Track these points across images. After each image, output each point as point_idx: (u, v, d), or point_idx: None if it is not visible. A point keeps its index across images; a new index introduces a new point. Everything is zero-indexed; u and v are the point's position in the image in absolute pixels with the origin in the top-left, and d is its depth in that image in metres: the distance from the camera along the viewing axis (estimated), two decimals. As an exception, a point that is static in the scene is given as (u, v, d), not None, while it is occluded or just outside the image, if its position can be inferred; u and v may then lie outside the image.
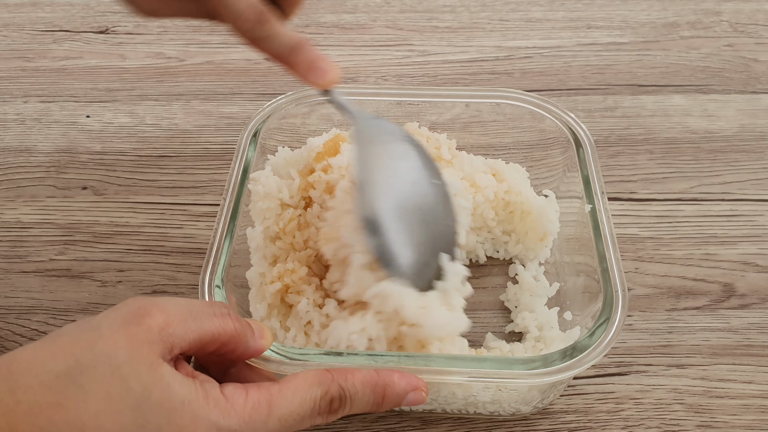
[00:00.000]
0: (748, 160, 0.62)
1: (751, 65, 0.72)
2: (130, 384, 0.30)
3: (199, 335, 0.33)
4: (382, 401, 0.37)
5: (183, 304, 0.34)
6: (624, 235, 0.56)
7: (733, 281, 0.53)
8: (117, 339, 0.31)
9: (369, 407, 0.37)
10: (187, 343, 0.33)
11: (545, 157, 0.53)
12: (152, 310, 0.33)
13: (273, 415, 0.33)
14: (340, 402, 0.35)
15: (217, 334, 0.34)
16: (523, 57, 0.74)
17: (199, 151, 0.64)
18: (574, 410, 0.46)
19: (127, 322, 0.32)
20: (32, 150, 0.64)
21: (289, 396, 0.34)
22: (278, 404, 0.33)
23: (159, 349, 0.32)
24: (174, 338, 0.32)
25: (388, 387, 0.36)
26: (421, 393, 0.37)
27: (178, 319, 0.33)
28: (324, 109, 0.54)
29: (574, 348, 0.39)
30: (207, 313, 0.34)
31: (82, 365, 0.30)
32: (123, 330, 0.32)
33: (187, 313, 0.34)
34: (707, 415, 0.46)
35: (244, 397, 0.33)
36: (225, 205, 0.46)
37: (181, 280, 0.54)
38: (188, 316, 0.33)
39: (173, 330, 0.32)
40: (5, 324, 0.51)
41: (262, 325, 0.38)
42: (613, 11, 0.80)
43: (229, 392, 0.33)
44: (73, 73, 0.73)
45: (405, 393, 0.37)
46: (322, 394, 0.35)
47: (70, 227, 0.58)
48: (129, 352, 0.31)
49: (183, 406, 0.31)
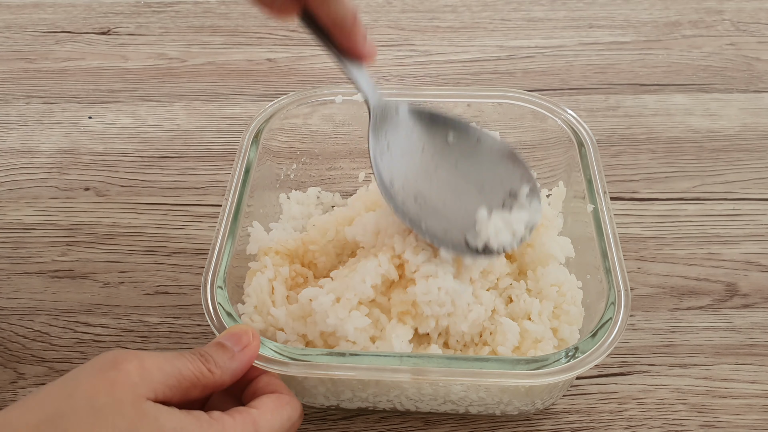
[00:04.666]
0: (750, 159, 0.62)
1: (753, 64, 0.72)
2: (115, 423, 0.30)
3: (177, 380, 0.33)
4: None
5: (157, 354, 0.34)
6: (626, 234, 0.56)
7: (736, 281, 0.53)
8: (96, 384, 0.31)
9: None
10: (169, 389, 0.33)
11: (547, 157, 0.53)
12: (127, 356, 0.33)
13: None
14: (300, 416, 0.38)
15: (196, 379, 0.34)
16: (525, 57, 0.74)
17: (201, 151, 0.64)
18: (576, 410, 0.46)
19: (104, 369, 0.32)
20: (34, 151, 0.65)
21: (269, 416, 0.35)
22: (262, 425, 0.35)
23: (141, 390, 0.32)
24: (154, 383, 0.32)
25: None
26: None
27: (155, 364, 0.33)
28: (326, 110, 0.54)
29: (577, 348, 0.39)
30: (180, 360, 0.34)
31: (62, 412, 0.30)
32: (101, 375, 0.32)
33: (162, 360, 0.34)
34: (710, 414, 0.46)
35: (231, 419, 0.34)
36: (227, 206, 0.46)
37: (183, 280, 0.54)
38: (164, 363, 0.34)
39: (151, 375, 0.32)
40: (8, 325, 0.51)
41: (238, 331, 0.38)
42: (615, 10, 0.79)
43: (217, 416, 0.34)
44: (75, 74, 0.73)
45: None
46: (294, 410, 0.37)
47: (72, 228, 0.58)
48: (109, 394, 0.31)
49: None
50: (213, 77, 0.72)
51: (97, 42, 0.77)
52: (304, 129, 0.54)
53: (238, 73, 0.72)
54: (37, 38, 0.77)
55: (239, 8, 0.81)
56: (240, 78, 0.72)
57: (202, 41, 0.76)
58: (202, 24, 0.79)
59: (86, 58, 0.75)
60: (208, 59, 0.74)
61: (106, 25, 0.79)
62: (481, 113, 0.53)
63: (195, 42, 0.76)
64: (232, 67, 0.73)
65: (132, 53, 0.75)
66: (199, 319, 0.51)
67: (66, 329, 0.51)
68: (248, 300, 0.44)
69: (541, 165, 0.54)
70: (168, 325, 0.51)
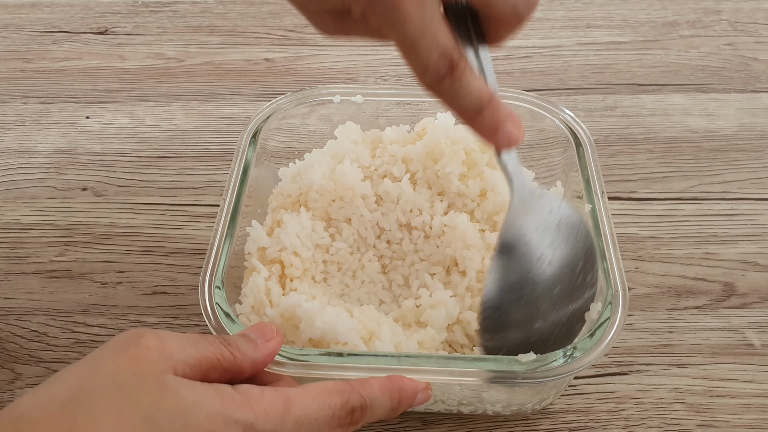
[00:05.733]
0: (748, 159, 0.62)
1: (750, 64, 0.72)
2: (139, 398, 0.30)
3: (198, 360, 0.33)
4: (398, 405, 0.37)
5: (178, 334, 0.34)
6: (624, 234, 0.56)
7: (734, 280, 0.53)
8: (118, 362, 0.32)
9: (386, 413, 0.37)
10: (189, 368, 0.33)
11: (545, 157, 0.53)
12: (147, 334, 0.33)
13: (290, 414, 0.33)
14: (361, 411, 0.35)
15: (216, 361, 0.34)
16: (523, 56, 0.74)
17: (199, 151, 0.64)
18: (574, 410, 0.46)
19: (125, 347, 0.32)
20: (32, 151, 0.64)
21: (308, 400, 0.34)
22: (296, 405, 0.33)
23: (162, 365, 0.32)
24: (174, 360, 0.32)
25: (402, 391, 0.37)
26: (428, 392, 0.38)
27: (175, 343, 0.33)
28: (324, 110, 0.54)
29: (575, 348, 0.39)
30: (202, 342, 0.34)
31: (87, 390, 0.30)
32: (122, 353, 0.32)
33: (184, 340, 0.34)
34: (708, 414, 0.46)
35: (259, 392, 0.33)
36: (225, 206, 0.46)
37: (182, 281, 0.54)
38: (185, 343, 0.33)
39: (172, 352, 0.32)
40: (5, 325, 0.51)
41: (263, 325, 0.38)
42: (612, 10, 0.79)
43: (244, 389, 0.33)
44: (73, 74, 0.73)
45: (415, 394, 0.37)
46: (342, 403, 0.34)
47: (69, 228, 0.58)
48: (132, 370, 0.31)
49: (196, 406, 0.31)
50: (211, 77, 0.72)
51: (94, 42, 0.77)
52: (302, 129, 0.54)
53: (235, 73, 0.72)
54: (34, 38, 0.77)
55: (237, 8, 0.81)
56: (238, 78, 0.72)
57: (200, 41, 0.76)
58: (200, 24, 0.79)
59: (84, 58, 0.75)
60: (206, 59, 0.74)
61: (103, 25, 0.79)
62: (479, 113, 0.53)
63: (193, 42, 0.76)
64: (229, 67, 0.73)
65: (129, 53, 0.75)
66: (197, 320, 0.51)
67: (63, 329, 0.51)
68: (245, 300, 0.44)
69: (539, 165, 0.54)
70: (166, 326, 0.51)
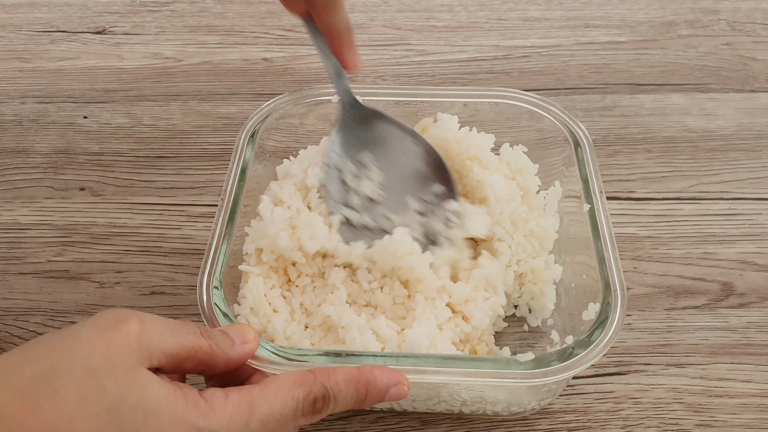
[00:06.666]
0: (746, 158, 0.62)
1: (749, 64, 0.72)
2: (106, 386, 0.30)
3: (176, 349, 0.33)
4: (365, 398, 0.36)
5: (160, 319, 0.34)
6: (622, 234, 0.56)
7: (732, 280, 0.53)
8: (94, 344, 0.31)
9: (352, 404, 0.36)
10: (165, 356, 0.33)
11: (543, 157, 0.53)
12: (130, 318, 0.33)
13: (254, 416, 0.33)
14: (323, 401, 0.35)
15: (193, 351, 0.34)
16: (521, 56, 0.74)
17: (197, 151, 0.64)
18: (573, 410, 0.46)
19: (104, 329, 0.32)
20: (29, 151, 0.64)
21: (270, 397, 0.34)
22: (259, 405, 0.33)
23: (137, 356, 0.32)
24: (152, 348, 0.32)
25: (370, 383, 0.36)
26: (403, 387, 0.37)
27: (156, 330, 0.33)
28: (322, 109, 0.54)
29: (573, 347, 0.39)
30: (182, 331, 0.34)
31: (57, 369, 0.30)
32: (100, 336, 0.32)
33: (165, 327, 0.33)
34: (706, 414, 0.46)
35: (223, 398, 0.33)
36: (223, 206, 0.46)
37: (180, 281, 0.54)
38: (166, 330, 0.33)
39: (150, 340, 0.32)
40: (3, 326, 0.51)
41: (243, 327, 0.38)
42: (611, 10, 0.79)
43: (209, 395, 0.33)
44: (71, 73, 0.73)
45: (387, 388, 0.37)
46: (305, 395, 0.35)
47: (67, 228, 0.58)
48: (106, 356, 0.31)
49: (161, 407, 0.31)
50: (209, 77, 0.72)
51: (92, 41, 0.77)
52: (300, 129, 0.54)
53: (234, 73, 0.72)
54: (32, 37, 0.77)
55: (235, 8, 0.81)
56: (236, 78, 0.72)
57: (198, 41, 0.76)
58: (198, 23, 0.79)
59: (81, 58, 0.74)
60: (204, 59, 0.74)
61: (101, 25, 0.79)
62: (478, 113, 0.53)
63: (191, 41, 0.76)
64: (228, 67, 0.73)
65: (127, 53, 0.75)
66: (195, 320, 0.51)
67: (61, 330, 0.51)
68: (244, 301, 0.44)
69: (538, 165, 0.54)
70: (164, 326, 0.51)
